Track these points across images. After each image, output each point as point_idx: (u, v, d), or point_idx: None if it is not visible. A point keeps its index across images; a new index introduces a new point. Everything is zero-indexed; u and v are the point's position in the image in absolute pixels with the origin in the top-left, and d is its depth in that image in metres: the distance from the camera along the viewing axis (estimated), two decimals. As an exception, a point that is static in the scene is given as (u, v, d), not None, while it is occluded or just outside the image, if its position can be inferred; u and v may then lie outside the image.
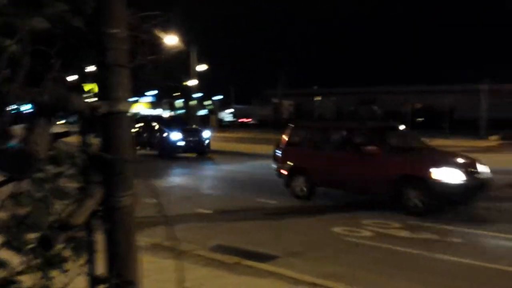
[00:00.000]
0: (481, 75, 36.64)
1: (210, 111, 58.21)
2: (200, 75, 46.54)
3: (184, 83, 49.50)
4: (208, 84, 56.83)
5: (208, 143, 22.16)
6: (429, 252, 6.90)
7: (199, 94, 53.28)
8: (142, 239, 6.92)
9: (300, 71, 76.25)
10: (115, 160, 1.72)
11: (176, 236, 3.04)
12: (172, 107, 61.02)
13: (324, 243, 7.47)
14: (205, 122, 47.76)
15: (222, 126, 51.85)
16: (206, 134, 22.22)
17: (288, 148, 11.87)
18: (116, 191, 1.75)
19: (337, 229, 8.17)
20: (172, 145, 20.99)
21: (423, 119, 45.91)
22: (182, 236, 7.57)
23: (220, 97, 72.18)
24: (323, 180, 11.00)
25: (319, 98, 56.13)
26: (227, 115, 66.32)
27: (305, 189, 11.17)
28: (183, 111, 55.55)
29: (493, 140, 30.14)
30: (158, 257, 6.08)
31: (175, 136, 21.14)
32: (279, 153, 12.15)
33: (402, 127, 12.13)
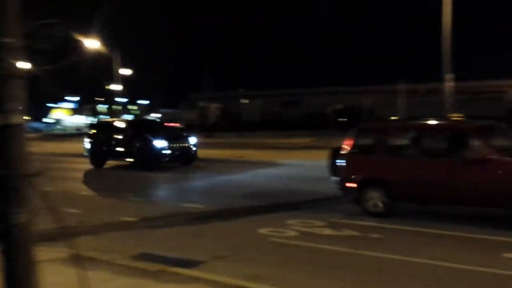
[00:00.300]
0: (399, 76, 38.42)
1: (136, 116, 57.06)
2: (124, 80, 45.52)
3: (107, 88, 48.21)
4: (133, 89, 55.74)
5: (196, 151, 19.38)
6: (352, 249, 7.11)
7: (124, 99, 52.14)
8: (63, 250, 6.69)
9: (226, 74, 76.43)
10: (8, 175, 1.65)
11: (76, 247, 2.94)
12: (95, 113, 59.21)
13: (250, 245, 7.52)
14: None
15: (148, 131, 50.82)
16: (193, 140, 19.34)
17: (356, 156, 9.85)
18: (11, 208, 1.68)
19: (262, 230, 8.25)
20: (157, 153, 18.04)
21: (345, 119, 47.34)
22: (104, 246, 7.38)
23: (146, 101, 71.03)
24: (410, 193, 9.11)
25: (245, 100, 56.49)
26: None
27: (382, 204, 9.26)
28: (106, 116, 54.00)
29: (410, 138, 31.53)
30: (79, 268, 5.87)
31: (160, 143, 18.13)
32: (341, 162, 9.96)
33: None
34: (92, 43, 39.94)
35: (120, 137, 19.22)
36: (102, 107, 60.98)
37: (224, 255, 6.92)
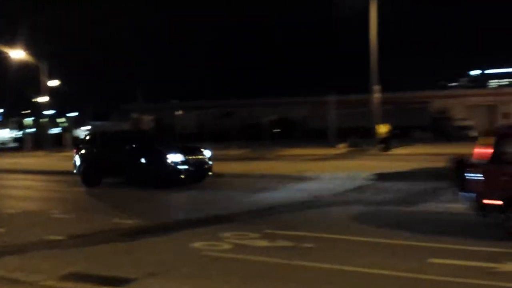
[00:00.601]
0: (330, 88, 39.51)
1: (64, 128, 55.13)
2: (52, 91, 43.95)
3: (34, 100, 46.44)
4: (61, 100, 53.94)
5: (211, 165, 16.98)
6: (286, 259, 7.14)
7: (51, 111, 50.29)
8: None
9: (161, 85, 75.60)
10: None
11: None
12: (21, 126, 56.76)
13: (184, 260, 7.40)
14: (58, 140, 45.16)
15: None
16: (208, 153, 17.03)
17: (499, 168, 8.04)
18: None
19: (196, 245, 8.14)
20: (173, 169, 15.56)
21: (280, 130, 47.98)
22: (30, 266, 7.04)
23: (76, 113, 68.92)
24: None
25: (180, 112, 56.05)
26: (83, 132, 63.40)
27: None
28: (33, 130, 51.87)
29: (341, 148, 32.49)
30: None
31: (175, 157, 15.68)
32: (475, 176, 8.25)
33: None
34: (17, 54, 38.32)
35: (121, 150, 16.56)
36: (28, 120, 58.57)
37: (157, 271, 6.76)
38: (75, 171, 17.71)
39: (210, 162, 16.85)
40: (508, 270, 6.39)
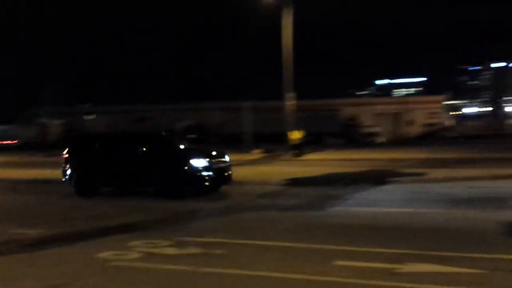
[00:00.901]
0: (245, 93, 39.91)
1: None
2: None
3: None
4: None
5: (231, 174, 15.36)
6: (195, 266, 7.06)
7: (-51, 114, 46.77)
8: None
9: (72, 89, 72.81)
10: None
11: None
12: None
13: (88, 271, 7.10)
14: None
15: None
16: (227, 158, 15.40)
17: None
18: None
19: (103, 255, 7.85)
20: (196, 176, 13.84)
21: (195, 135, 47.74)
22: None
23: (-23, 117, 64.55)
24: None
25: (90, 116, 54.20)
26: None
27: None
28: None
29: (256, 153, 32.84)
30: None
31: (199, 162, 13.92)
32: None
33: None
34: None
35: (126, 154, 14.49)
36: None
37: (60, 283, 6.44)
38: (63, 180, 15.43)
39: (230, 171, 15.31)
40: (410, 270, 6.70)
